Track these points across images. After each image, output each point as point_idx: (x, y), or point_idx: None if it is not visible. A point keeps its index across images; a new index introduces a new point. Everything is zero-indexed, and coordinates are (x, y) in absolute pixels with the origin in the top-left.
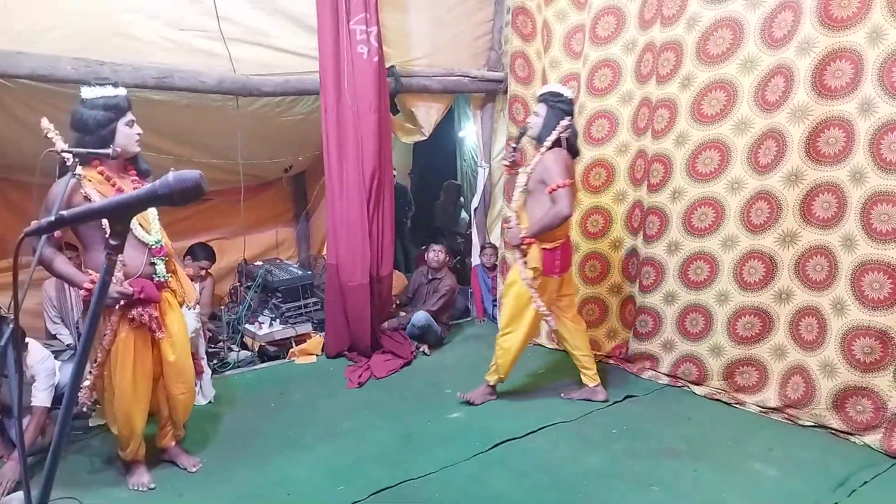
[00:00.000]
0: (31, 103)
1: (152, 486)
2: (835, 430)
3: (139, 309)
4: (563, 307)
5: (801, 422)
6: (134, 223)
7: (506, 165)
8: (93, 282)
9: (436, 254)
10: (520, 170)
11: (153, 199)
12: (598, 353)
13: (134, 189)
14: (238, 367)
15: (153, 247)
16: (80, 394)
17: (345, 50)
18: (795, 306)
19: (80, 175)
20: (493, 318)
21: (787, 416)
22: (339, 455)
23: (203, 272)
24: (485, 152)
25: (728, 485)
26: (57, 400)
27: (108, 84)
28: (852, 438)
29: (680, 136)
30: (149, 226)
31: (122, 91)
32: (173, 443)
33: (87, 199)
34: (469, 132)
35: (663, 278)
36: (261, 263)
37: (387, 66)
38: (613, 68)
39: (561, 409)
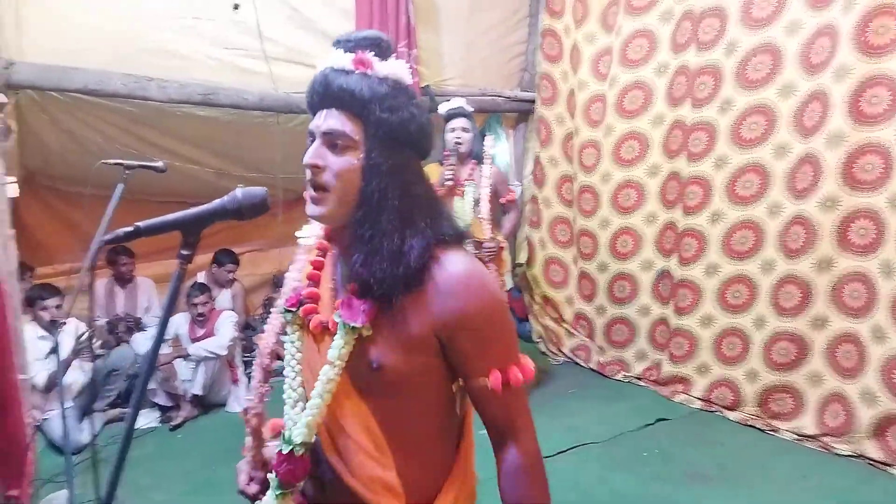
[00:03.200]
0: (81, 116)
1: None
2: (873, 460)
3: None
4: None
5: (837, 450)
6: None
7: (450, 183)
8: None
9: None
10: (470, 184)
11: (223, 213)
12: (627, 374)
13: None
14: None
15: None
16: None
17: None
18: (832, 333)
19: None
20: (528, 339)
21: (822, 444)
22: None
23: (230, 276)
24: (516, 171)
25: None
26: None
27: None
28: (890, 469)
29: (719, 159)
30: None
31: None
32: None
33: None
34: (500, 151)
35: (700, 301)
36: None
37: (421, 85)
38: (645, 90)
39: (591, 430)
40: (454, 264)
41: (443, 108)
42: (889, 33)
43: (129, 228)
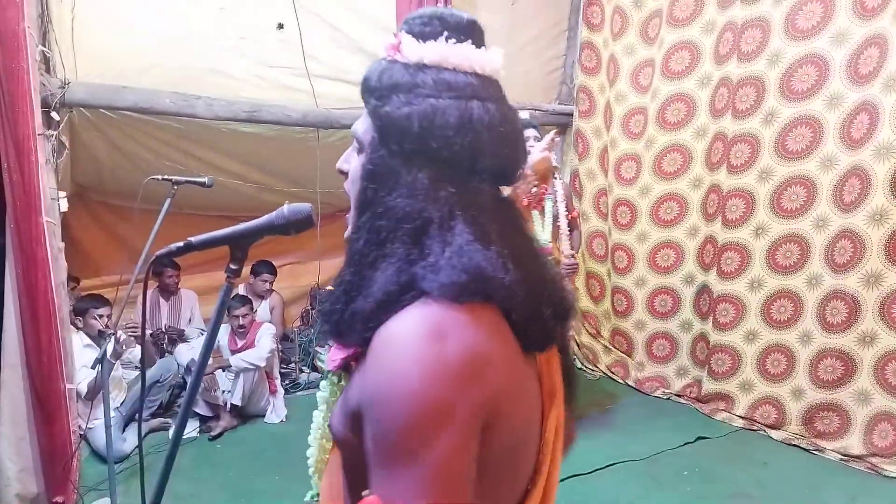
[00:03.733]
0: (131, 133)
1: None
2: None
3: None
4: None
5: (885, 472)
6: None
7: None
8: None
9: None
10: (548, 198)
11: (271, 228)
12: (666, 390)
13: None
14: (308, 388)
15: None
16: None
17: None
18: (881, 350)
19: None
20: None
21: (870, 465)
22: None
23: (267, 285)
24: None
25: None
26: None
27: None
28: None
29: (763, 171)
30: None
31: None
32: None
33: None
34: None
35: (744, 316)
36: (333, 288)
37: None
38: (687, 102)
39: (629, 448)
40: (399, 320)
41: None
42: None
43: (181, 243)
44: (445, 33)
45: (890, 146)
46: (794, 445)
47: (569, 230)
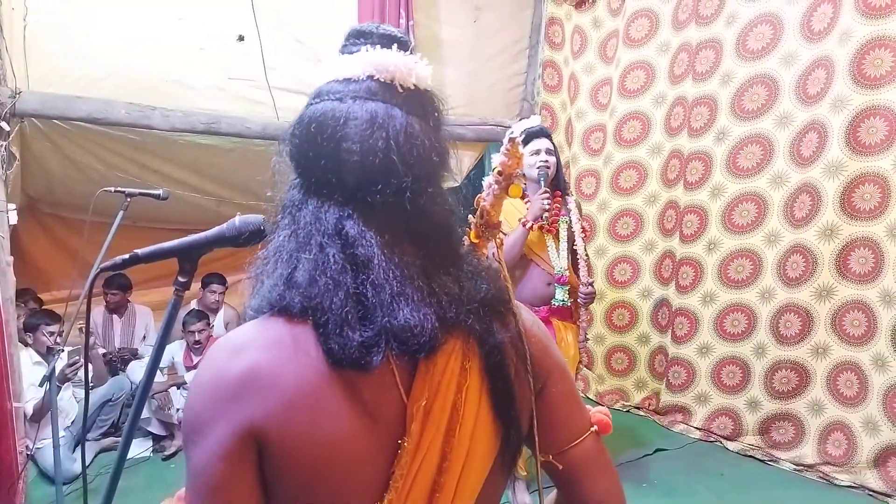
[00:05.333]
0: (84, 144)
1: None
2: (873, 491)
3: None
4: None
5: (837, 481)
6: None
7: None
8: None
9: None
10: (562, 220)
11: (221, 240)
12: (626, 403)
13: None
14: None
15: None
16: None
17: None
18: (833, 361)
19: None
20: None
21: (822, 474)
22: None
23: (217, 296)
24: None
25: None
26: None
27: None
28: (891, 501)
29: (715, 188)
30: None
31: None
32: None
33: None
34: None
35: (698, 329)
36: None
37: None
38: (643, 120)
39: None
40: (231, 332)
41: (517, 129)
42: (885, 65)
43: (126, 255)
44: (347, 46)
45: (839, 164)
46: (750, 456)
47: (586, 253)
